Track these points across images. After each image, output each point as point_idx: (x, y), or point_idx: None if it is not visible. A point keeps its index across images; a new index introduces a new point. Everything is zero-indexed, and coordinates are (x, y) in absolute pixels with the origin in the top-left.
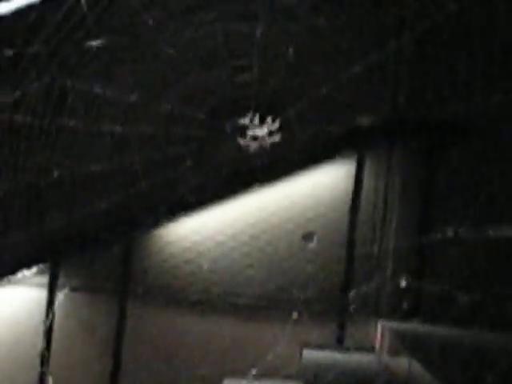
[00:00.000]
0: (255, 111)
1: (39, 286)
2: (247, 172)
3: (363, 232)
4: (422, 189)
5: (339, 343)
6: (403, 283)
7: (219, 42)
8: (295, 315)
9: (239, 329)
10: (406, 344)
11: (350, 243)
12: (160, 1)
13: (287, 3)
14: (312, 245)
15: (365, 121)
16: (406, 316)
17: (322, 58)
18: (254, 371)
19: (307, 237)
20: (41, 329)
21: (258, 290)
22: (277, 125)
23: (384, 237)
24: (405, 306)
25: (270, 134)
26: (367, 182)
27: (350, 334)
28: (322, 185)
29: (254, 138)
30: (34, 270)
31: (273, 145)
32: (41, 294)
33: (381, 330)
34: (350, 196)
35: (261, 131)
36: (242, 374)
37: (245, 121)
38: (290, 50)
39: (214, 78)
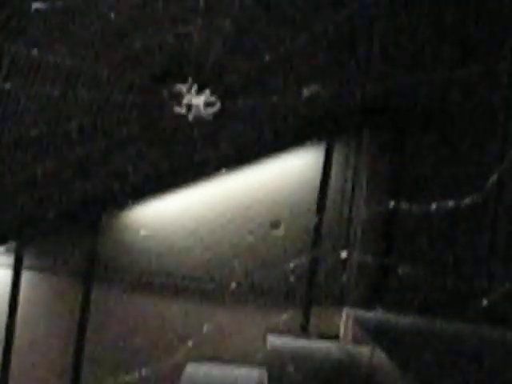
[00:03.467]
0: (194, 79)
1: (4, 266)
2: (216, 157)
3: (331, 216)
4: (392, 174)
5: (303, 330)
6: (343, 254)
7: (160, 8)
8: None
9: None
10: (370, 332)
11: (316, 228)
12: None
13: None
14: (279, 231)
15: (312, 90)
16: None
17: (267, 27)
18: (189, 343)
19: (274, 224)
20: (5, 309)
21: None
22: (215, 95)
23: (352, 220)
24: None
25: (207, 104)
26: (336, 167)
27: (314, 322)
28: (291, 170)
29: (189, 107)
30: None
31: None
32: (5, 275)
33: (345, 318)
34: (319, 181)
35: (196, 100)
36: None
37: (182, 89)
38: (231, 19)
39: (153, 44)
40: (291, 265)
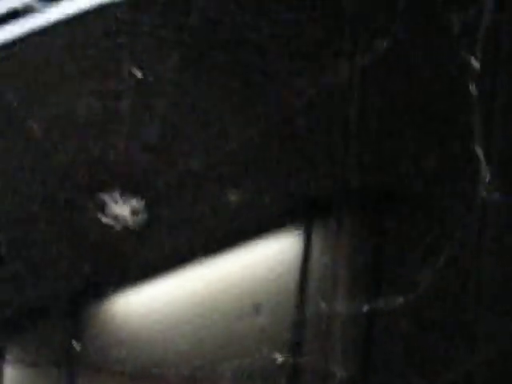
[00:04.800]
0: (120, 189)
1: None
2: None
3: (312, 301)
4: (371, 257)
5: None
6: (279, 359)
7: (84, 119)
8: None
9: None
10: None
11: (298, 313)
12: (22, 77)
13: (153, 79)
14: (260, 317)
15: (234, 196)
16: None
17: (193, 133)
18: None
19: (255, 309)
20: None
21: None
22: (141, 204)
23: (332, 307)
24: None
25: (134, 212)
26: (316, 251)
27: None
28: (271, 255)
29: (115, 217)
30: None
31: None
32: None
33: None
34: (299, 266)
35: (122, 210)
36: None
37: (108, 199)
38: (156, 127)
39: (78, 155)
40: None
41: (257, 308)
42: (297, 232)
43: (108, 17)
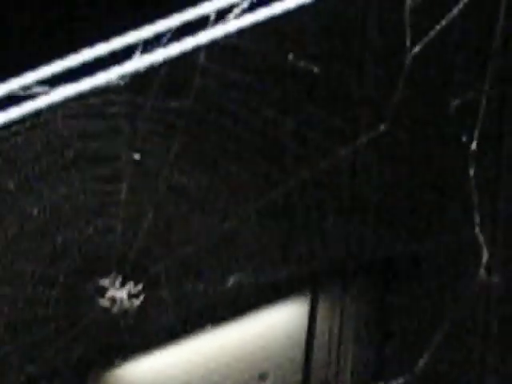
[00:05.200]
0: (118, 272)
1: None
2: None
3: (318, 371)
4: (377, 328)
5: None
6: None
7: (82, 203)
8: None
9: None
10: None
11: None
12: (20, 161)
13: (152, 164)
14: None
15: (234, 278)
16: None
17: (190, 215)
18: None
19: (261, 378)
20: None
21: None
22: (139, 287)
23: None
24: None
25: (131, 296)
26: (321, 321)
27: None
28: (276, 325)
29: (113, 300)
30: None
31: None
32: None
33: None
34: (304, 336)
35: (120, 293)
36: None
37: (105, 282)
38: (153, 210)
39: (76, 238)
40: None
41: (263, 377)
42: (302, 303)
43: (107, 100)
